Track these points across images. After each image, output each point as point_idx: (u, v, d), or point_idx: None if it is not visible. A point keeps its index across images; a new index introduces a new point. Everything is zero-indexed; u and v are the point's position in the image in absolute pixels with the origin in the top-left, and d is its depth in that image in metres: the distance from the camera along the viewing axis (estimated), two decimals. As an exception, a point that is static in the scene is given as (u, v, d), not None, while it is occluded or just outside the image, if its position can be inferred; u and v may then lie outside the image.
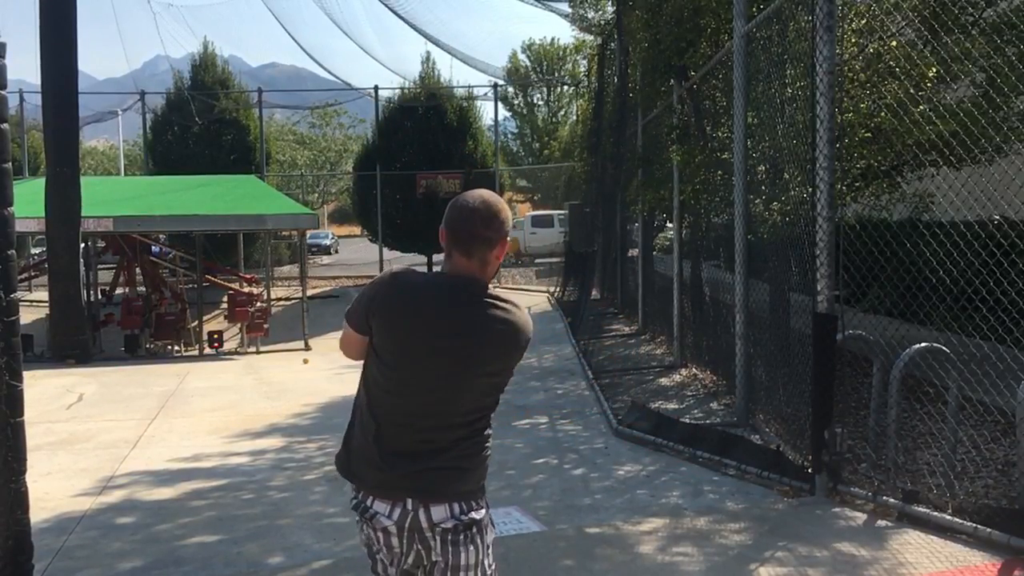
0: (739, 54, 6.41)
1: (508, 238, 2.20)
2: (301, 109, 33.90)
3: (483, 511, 2.22)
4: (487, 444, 2.24)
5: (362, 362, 2.26)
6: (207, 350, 13.54)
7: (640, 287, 12.02)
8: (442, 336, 2.10)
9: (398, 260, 24.12)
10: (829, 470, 4.72)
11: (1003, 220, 5.37)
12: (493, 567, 2.24)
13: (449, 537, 2.15)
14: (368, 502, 2.18)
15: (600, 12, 20.44)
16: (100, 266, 16.06)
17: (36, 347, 12.13)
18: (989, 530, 3.92)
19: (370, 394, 2.20)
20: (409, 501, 2.14)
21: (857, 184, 7.07)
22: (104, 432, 7.34)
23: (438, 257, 12.20)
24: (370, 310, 2.16)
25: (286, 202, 16.35)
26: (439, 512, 2.14)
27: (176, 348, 13.97)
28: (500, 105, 28.51)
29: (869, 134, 6.27)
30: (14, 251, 3.23)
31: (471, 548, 2.17)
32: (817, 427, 4.74)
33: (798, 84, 5.48)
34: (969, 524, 4.01)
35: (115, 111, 27.40)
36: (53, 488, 5.61)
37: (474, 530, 2.17)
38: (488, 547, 2.22)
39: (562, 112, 42.00)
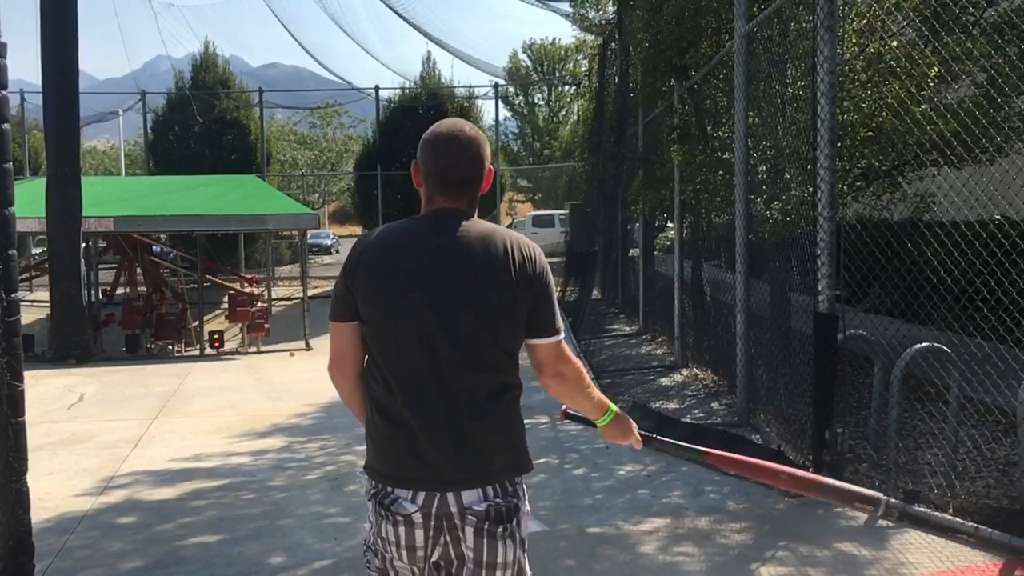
0: (740, 54, 6.41)
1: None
2: (302, 109, 33.92)
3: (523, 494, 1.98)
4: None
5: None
6: (208, 350, 13.52)
7: (641, 287, 12.02)
8: (442, 279, 1.89)
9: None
10: (830, 470, 4.72)
11: (1004, 220, 5.37)
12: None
13: (485, 527, 1.90)
14: (389, 489, 1.94)
15: (601, 12, 20.40)
16: (101, 266, 16.04)
17: (37, 347, 12.11)
18: (990, 530, 3.92)
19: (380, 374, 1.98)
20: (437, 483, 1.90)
21: (858, 184, 7.07)
22: (105, 432, 7.35)
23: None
24: (354, 282, 1.93)
25: (287, 202, 16.33)
26: (470, 495, 1.91)
27: (177, 348, 13.95)
28: (501, 105, 28.50)
29: (870, 134, 6.27)
30: (15, 251, 3.24)
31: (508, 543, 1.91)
32: (818, 427, 4.74)
33: (799, 84, 5.48)
34: (970, 524, 4.02)
35: (116, 111, 27.45)
36: (54, 488, 5.62)
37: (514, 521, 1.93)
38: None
39: (563, 112, 42.02)
